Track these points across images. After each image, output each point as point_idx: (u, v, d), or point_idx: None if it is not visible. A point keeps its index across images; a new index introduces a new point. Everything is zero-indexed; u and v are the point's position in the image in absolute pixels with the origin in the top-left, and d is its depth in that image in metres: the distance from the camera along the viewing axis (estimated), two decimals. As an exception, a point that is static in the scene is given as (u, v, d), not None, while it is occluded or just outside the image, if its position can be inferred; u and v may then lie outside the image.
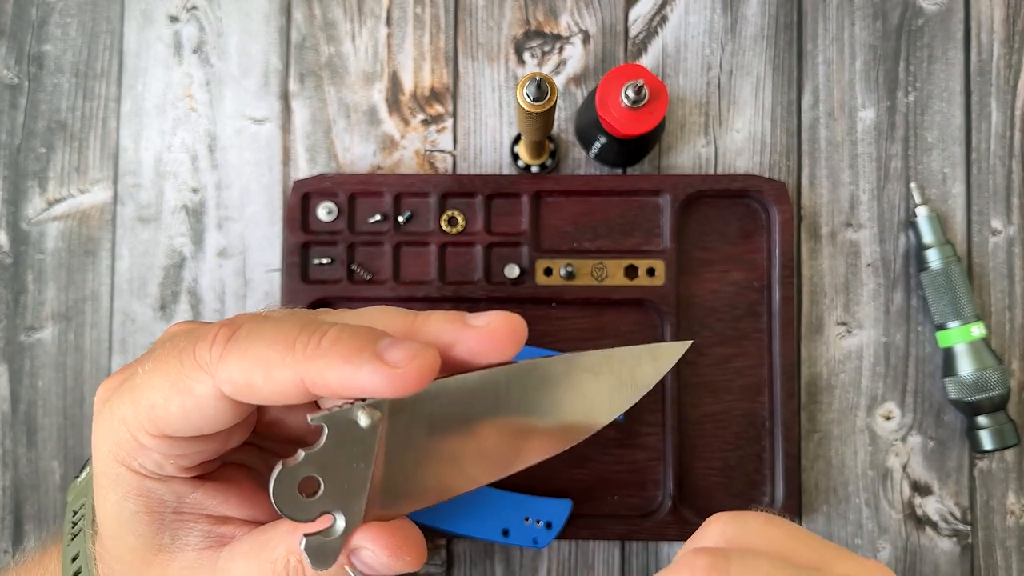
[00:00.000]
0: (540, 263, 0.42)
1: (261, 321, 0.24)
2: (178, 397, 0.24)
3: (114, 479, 0.26)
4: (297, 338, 0.23)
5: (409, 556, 0.24)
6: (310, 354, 0.23)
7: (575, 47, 0.45)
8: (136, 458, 0.25)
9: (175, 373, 0.24)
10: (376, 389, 0.23)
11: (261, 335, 0.23)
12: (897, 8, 0.45)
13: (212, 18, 0.45)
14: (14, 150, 0.45)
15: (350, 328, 0.23)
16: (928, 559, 0.42)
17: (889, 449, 0.43)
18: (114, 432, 0.25)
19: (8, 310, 0.44)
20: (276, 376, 0.23)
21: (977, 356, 0.41)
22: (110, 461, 0.26)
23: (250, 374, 0.23)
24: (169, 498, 0.26)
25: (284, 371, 0.23)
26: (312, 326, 0.23)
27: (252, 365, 0.23)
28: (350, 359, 0.22)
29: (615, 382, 0.27)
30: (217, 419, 0.24)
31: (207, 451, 0.26)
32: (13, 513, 0.43)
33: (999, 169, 0.44)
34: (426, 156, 0.45)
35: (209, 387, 0.23)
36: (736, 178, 0.43)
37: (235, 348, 0.23)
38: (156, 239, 0.45)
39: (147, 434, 0.25)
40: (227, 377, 0.23)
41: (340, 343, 0.23)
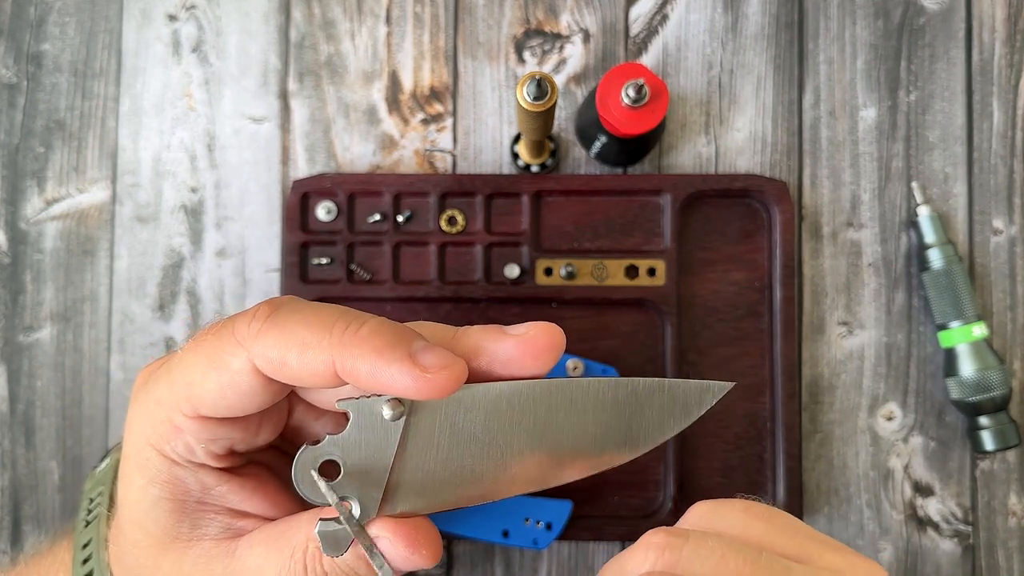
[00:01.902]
0: (540, 263, 0.42)
1: (302, 303, 0.25)
2: (214, 372, 0.24)
3: (143, 463, 0.26)
4: (336, 323, 0.23)
5: (426, 551, 0.24)
6: (346, 340, 0.23)
7: (575, 46, 0.45)
8: (168, 442, 0.26)
9: (212, 348, 0.24)
10: (402, 388, 0.23)
11: (301, 316, 0.24)
12: (898, 7, 0.44)
13: (211, 17, 0.45)
14: (12, 149, 0.45)
15: (389, 324, 0.24)
16: (930, 560, 0.42)
17: (891, 450, 0.43)
18: (149, 414, 0.26)
19: (6, 310, 0.44)
20: (310, 357, 0.23)
21: (979, 356, 0.41)
22: (142, 444, 0.26)
23: (285, 351, 0.23)
24: (195, 487, 0.27)
25: (318, 353, 0.23)
26: (352, 315, 0.24)
27: (288, 343, 0.23)
28: (383, 353, 0.23)
29: (649, 418, 0.26)
30: (250, 398, 0.25)
31: (237, 439, 0.26)
32: (11, 514, 0.43)
33: (1001, 169, 0.44)
34: (426, 155, 0.44)
35: (244, 361, 0.24)
36: (737, 178, 0.43)
37: (273, 325, 0.24)
38: (155, 239, 0.44)
39: (181, 414, 0.25)
40: (262, 352, 0.24)
41: (377, 336, 0.23)
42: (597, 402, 0.26)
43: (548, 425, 0.26)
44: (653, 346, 0.43)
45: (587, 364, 0.41)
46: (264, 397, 0.25)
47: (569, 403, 0.26)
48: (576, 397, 0.26)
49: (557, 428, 0.26)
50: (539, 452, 0.25)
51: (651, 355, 0.43)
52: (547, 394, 0.26)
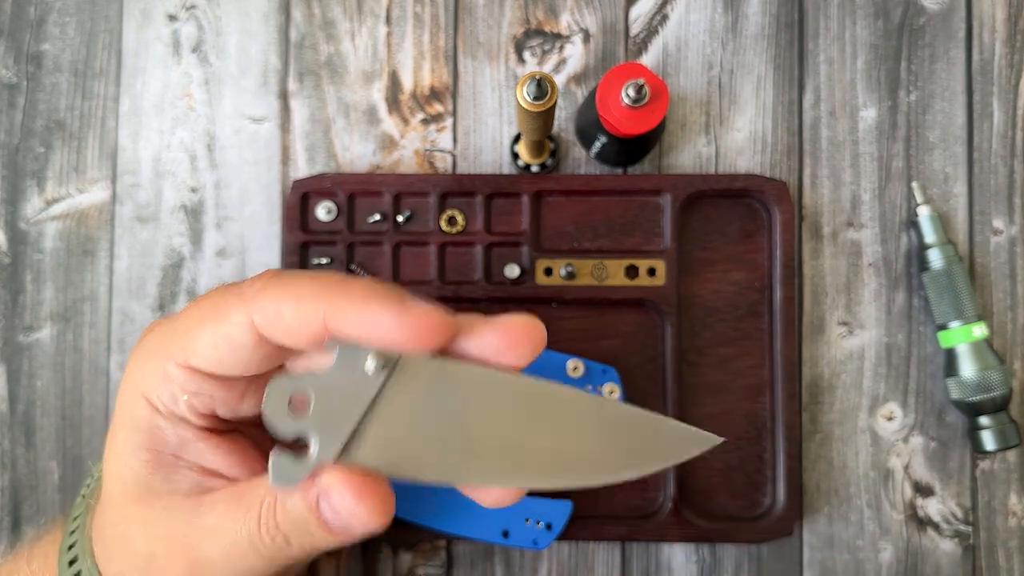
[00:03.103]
0: (540, 263, 0.42)
1: (305, 271, 0.27)
2: (212, 323, 0.26)
3: (129, 413, 0.28)
4: (331, 280, 0.25)
5: (371, 505, 0.25)
6: (337, 292, 0.25)
7: (575, 46, 0.45)
8: (155, 390, 0.27)
9: (214, 303, 0.26)
10: (387, 330, 0.24)
11: (301, 277, 0.26)
12: (899, 7, 0.44)
13: (211, 17, 0.45)
14: (12, 149, 0.45)
15: (382, 283, 0.26)
16: (930, 560, 0.42)
17: (891, 450, 0.43)
18: (143, 364, 0.28)
19: (6, 310, 0.44)
20: (303, 308, 0.25)
21: (979, 356, 0.41)
22: (132, 393, 0.28)
23: (280, 303, 0.25)
24: (172, 438, 0.28)
25: (311, 303, 0.25)
26: (349, 277, 0.26)
27: (285, 297, 0.25)
28: (372, 300, 0.24)
29: (624, 449, 0.26)
30: (241, 354, 0.26)
31: (220, 400, 0.27)
32: (11, 514, 0.43)
33: (1001, 169, 0.44)
34: (426, 155, 0.44)
35: (243, 315, 0.25)
36: (737, 178, 0.43)
37: (275, 284, 0.26)
38: (155, 239, 0.44)
39: (173, 362, 0.27)
40: (261, 307, 0.25)
41: (368, 288, 0.25)
42: (579, 418, 0.25)
43: (524, 427, 0.25)
44: (653, 346, 0.43)
45: (587, 364, 0.41)
46: (254, 357, 0.26)
47: (551, 411, 0.25)
48: (560, 407, 0.25)
49: (532, 432, 0.25)
50: (508, 450, 0.25)
51: (651, 355, 0.43)
52: (531, 395, 0.25)
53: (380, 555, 0.43)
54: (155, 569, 0.27)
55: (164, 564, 0.27)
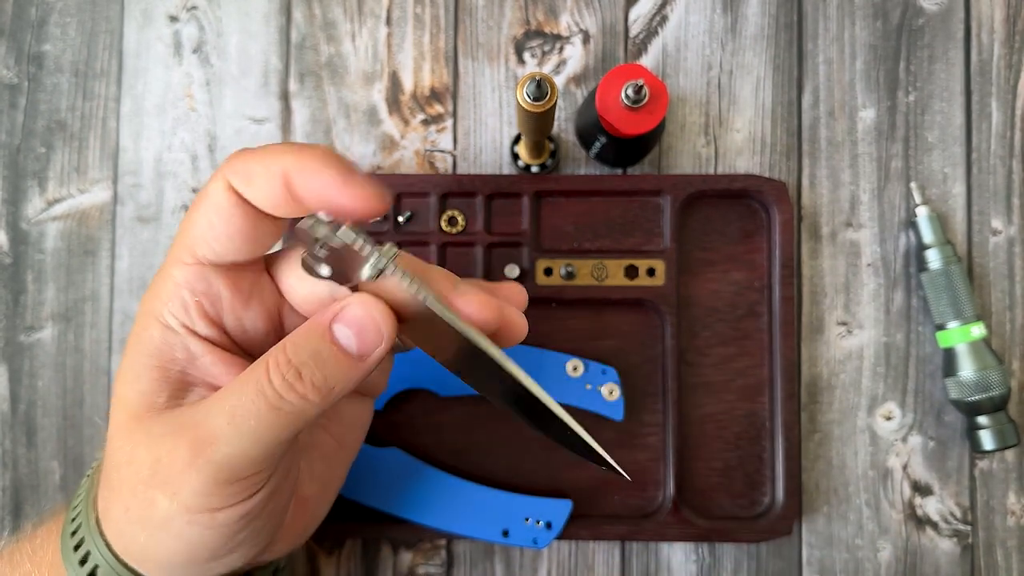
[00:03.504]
0: (540, 263, 0.42)
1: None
2: (200, 204, 0.27)
3: (141, 332, 0.28)
4: (293, 144, 0.27)
5: (386, 321, 0.27)
6: (295, 153, 0.26)
7: (575, 47, 0.45)
8: (167, 303, 0.28)
9: (203, 189, 0.27)
10: (336, 199, 0.26)
11: (268, 144, 0.27)
12: (897, 8, 0.45)
13: (212, 18, 0.45)
14: (14, 150, 0.45)
15: (336, 154, 0.27)
16: (929, 559, 0.42)
17: (889, 449, 0.43)
18: (154, 284, 0.28)
19: (8, 310, 0.44)
20: (267, 163, 0.26)
21: (977, 356, 0.41)
22: (143, 316, 0.28)
23: (248, 163, 0.26)
24: (181, 354, 0.28)
25: (273, 159, 0.26)
26: (312, 144, 0.27)
27: (252, 157, 0.26)
28: (322, 166, 0.26)
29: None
30: (233, 224, 0.27)
31: (228, 303, 0.28)
32: (12, 513, 0.43)
33: (999, 169, 0.44)
34: (426, 156, 0.45)
35: (220, 182, 0.26)
36: (736, 178, 0.43)
37: (245, 151, 0.27)
38: (156, 239, 0.44)
39: (181, 263, 0.27)
40: (232, 169, 0.26)
41: (322, 155, 0.26)
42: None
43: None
44: (653, 346, 0.43)
45: (587, 364, 0.41)
46: (245, 227, 0.27)
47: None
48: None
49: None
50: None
51: (651, 355, 0.43)
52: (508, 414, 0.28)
53: (380, 554, 0.43)
54: (161, 471, 0.26)
55: (169, 458, 0.25)
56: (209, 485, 0.25)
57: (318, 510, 0.34)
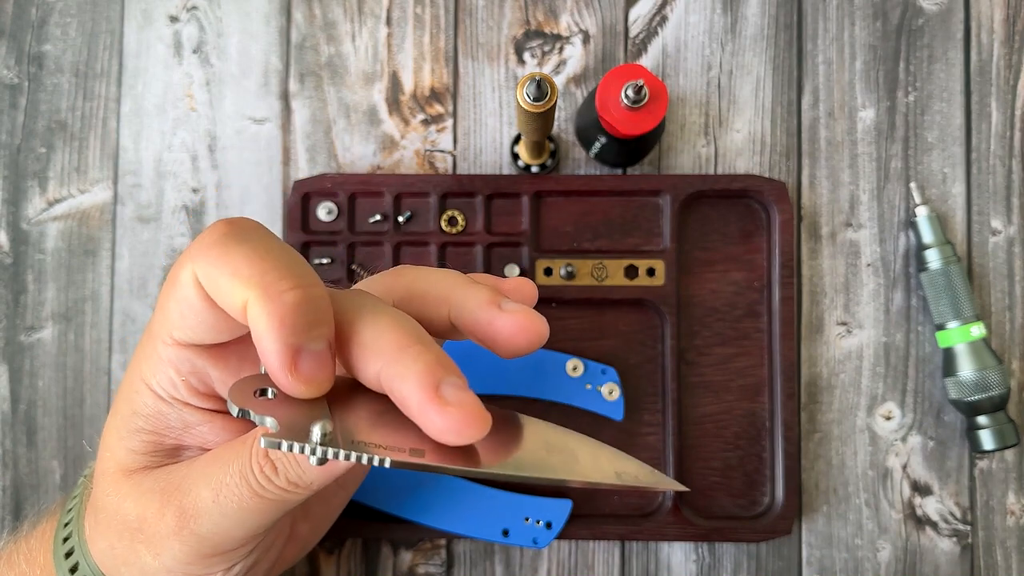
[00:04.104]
0: (540, 263, 0.42)
1: (259, 232, 0.24)
2: (170, 289, 0.25)
3: (132, 395, 0.27)
4: (266, 273, 0.23)
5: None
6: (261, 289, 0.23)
7: (575, 47, 0.45)
8: (155, 375, 0.26)
9: (173, 268, 0.25)
10: (272, 373, 0.23)
11: (249, 247, 0.23)
12: (897, 8, 0.45)
13: (212, 18, 0.45)
14: (14, 150, 0.45)
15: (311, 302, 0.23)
16: (928, 559, 0.42)
17: (889, 449, 0.43)
18: (141, 349, 0.27)
19: (8, 310, 0.44)
20: (235, 288, 0.23)
21: (977, 356, 0.41)
22: (134, 378, 0.27)
23: (217, 276, 0.23)
24: (176, 423, 0.27)
25: (240, 287, 0.23)
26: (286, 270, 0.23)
27: (223, 267, 0.23)
28: (281, 329, 0.22)
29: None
30: (205, 316, 0.24)
31: (216, 375, 0.26)
32: (13, 513, 0.43)
33: (999, 169, 0.44)
34: (426, 156, 0.45)
35: (188, 273, 0.24)
36: (736, 178, 0.43)
37: (219, 248, 0.23)
38: (156, 239, 0.45)
39: (163, 342, 0.26)
40: (201, 267, 0.23)
41: (293, 313, 0.22)
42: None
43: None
44: (652, 346, 0.43)
45: (586, 364, 0.41)
46: (219, 318, 0.24)
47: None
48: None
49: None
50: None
51: (650, 355, 0.43)
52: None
53: (380, 554, 0.43)
54: (146, 530, 0.26)
55: (155, 521, 0.26)
56: (191, 555, 0.26)
57: (310, 542, 0.34)
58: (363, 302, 0.25)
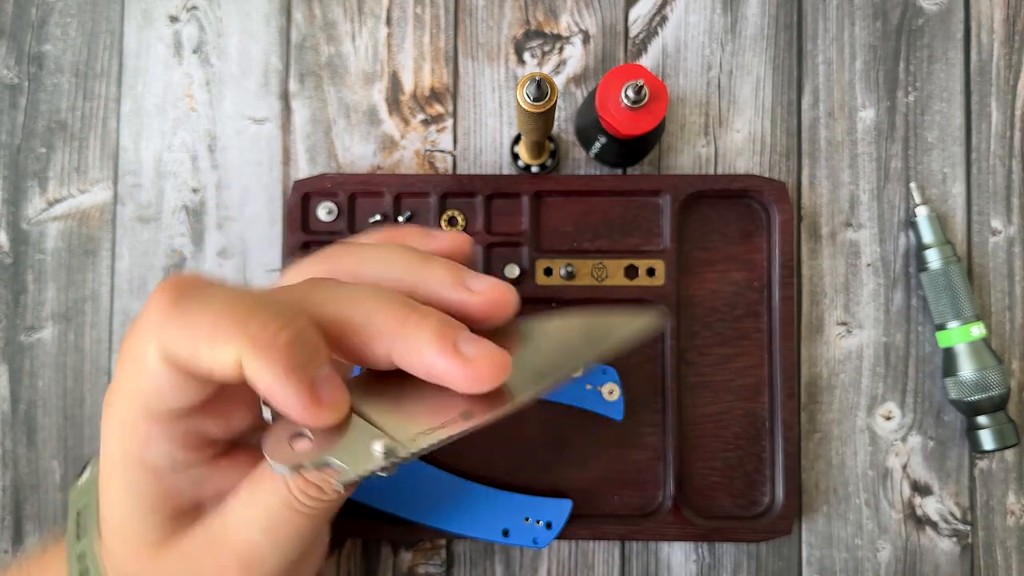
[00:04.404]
0: (540, 263, 0.42)
1: (207, 287, 0.23)
2: (134, 368, 0.23)
3: (129, 482, 0.25)
4: (249, 321, 0.22)
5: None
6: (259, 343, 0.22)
7: (575, 47, 0.45)
8: (147, 453, 0.25)
9: (130, 343, 0.23)
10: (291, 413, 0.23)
11: (209, 304, 0.22)
12: (897, 8, 0.45)
13: (212, 18, 0.45)
14: (14, 150, 0.45)
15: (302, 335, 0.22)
16: (928, 559, 0.42)
17: (889, 449, 0.43)
18: (118, 431, 0.25)
19: (8, 310, 0.44)
20: (219, 347, 0.22)
21: (977, 356, 0.41)
22: (127, 466, 0.25)
23: (194, 341, 0.22)
24: (187, 486, 0.26)
25: (228, 349, 0.22)
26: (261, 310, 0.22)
27: (197, 334, 0.22)
28: (288, 374, 0.22)
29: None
30: (184, 389, 0.23)
31: (210, 429, 0.25)
32: (13, 513, 0.43)
33: (999, 169, 0.44)
34: (426, 156, 0.45)
35: (155, 353, 0.22)
36: (736, 178, 0.43)
37: (180, 314, 0.22)
38: (156, 239, 0.45)
39: (143, 421, 0.24)
40: (171, 343, 0.22)
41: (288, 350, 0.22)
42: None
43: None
44: (652, 346, 0.43)
45: (587, 364, 0.41)
46: (197, 385, 0.23)
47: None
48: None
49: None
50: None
51: (650, 355, 0.43)
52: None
53: (380, 554, 0.43)
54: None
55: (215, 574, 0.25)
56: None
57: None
58: (334, 291, 0.24)
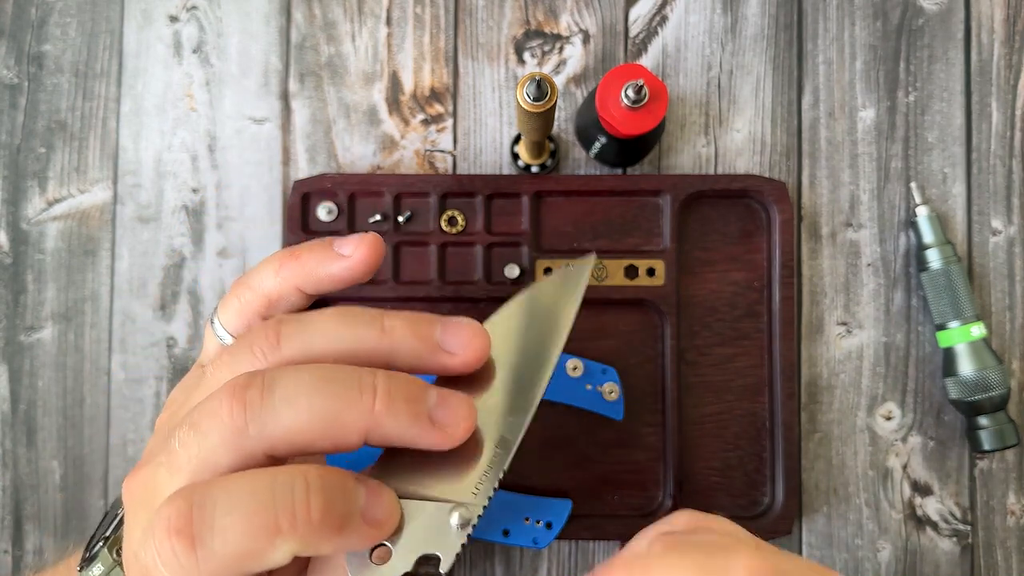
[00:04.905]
0: (540, 263, 0.42)
1: (222, 502, 0.21)
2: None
3: None
4: (279, 518, 0.21)
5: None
6: (301, 530, 0.21)
7: (575, 47, 0.45)
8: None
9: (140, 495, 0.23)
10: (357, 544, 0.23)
11: (228, 523, 0.20)
12: (897, 8, 0.45)
13: (212, 18, 0.45)
14: (14, 150, 0.45)
15: (327, 493, 0.21)
16: (928, 559, 0.42)
17: (889, 449, 0.43)
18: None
19: (8, 310, 0.44)
20: (270, 559, 0.21)
21: (977, 356, 0.41)
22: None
23: (239, 565, 0.21)
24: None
25: (278, 551, 0.21)
26: (287, 495, 0.21)
27: (233, 561, 0.20)
28: (341, 530, 0.22)
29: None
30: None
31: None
32: (13, 513, 0.43)
33: (999, 169, 0.44)
34: (426, 156, 0.45)
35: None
36: (736, 178, 0.43)
37: (203, 552, 0.20)
38: (156, 239, 0.45)
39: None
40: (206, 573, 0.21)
41: (327, 516, 0.21)
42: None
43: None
44: (652, 346, 0.43)
45: (586, 364, 0.41)
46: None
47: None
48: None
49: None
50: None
51: (650, 355, 0.43)
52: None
53: (380, 554, 0.43)
54: None
55: None
56: None
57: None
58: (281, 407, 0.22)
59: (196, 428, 0.22)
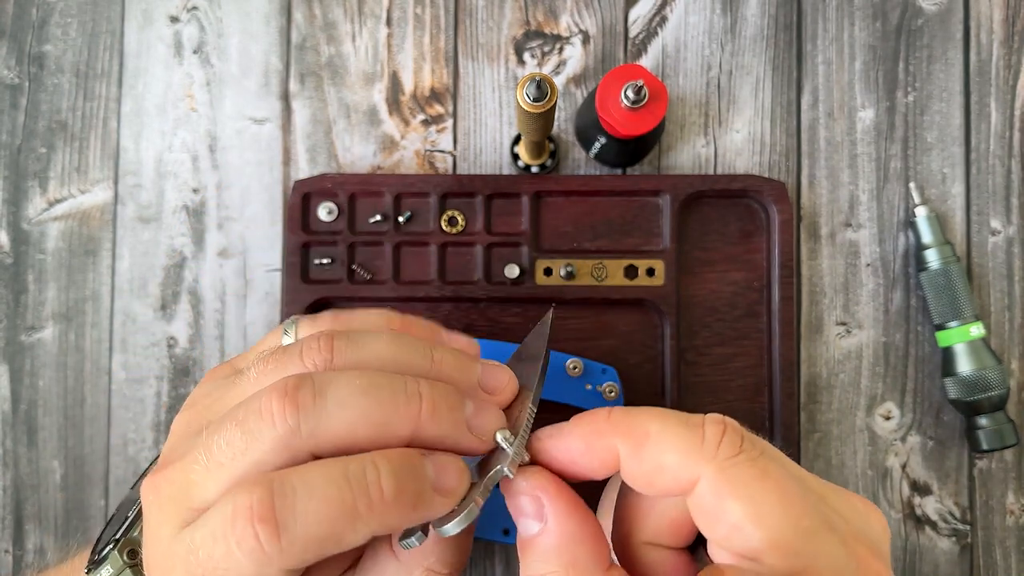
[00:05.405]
0: (540, 263, 0.43)
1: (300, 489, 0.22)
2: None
3: None
4: (356, 501, 0.22)
5: None
6: (378, 511, 0.22)
7: (575, 47, 0.45)
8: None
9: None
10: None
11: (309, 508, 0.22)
12: (896, 8, 0.45)
13: (212, 18, 0.45)
14: (15, 150, 0.45)
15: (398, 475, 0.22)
16: (928, 558, 0.42)
17: (888, 449, 0.43)
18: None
19: (9, 310, 0.44)
20: (349, 541, 0.22)
21: (976, 356, 0.41)
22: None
23: (320, 548, 0.22)
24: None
25: (357, 533, 0.22)
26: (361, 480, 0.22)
27: (314, 544, 0.21)
28: (416, 506, 0.23)
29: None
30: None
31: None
32: (13, 513, 0.43)
33: (998, 169, 0.44)
34: (426, 156, 0.45)
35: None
36: (736, 178, 0.43)
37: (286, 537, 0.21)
38: (157, 239, 0.45)
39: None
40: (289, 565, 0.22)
41: (401, 495, 0.22)
42: None
43: None
44: (652, 346, 0.43)
45: (586, 364, 0.41)
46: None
47: None
48: None
49: None
50: None
51: (650, 355, 0.43)
52: None
53: (381, 554, 0.43)
54: None
55: None
56: None
57: None
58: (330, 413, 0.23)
59: (243, 426, 0.23)
